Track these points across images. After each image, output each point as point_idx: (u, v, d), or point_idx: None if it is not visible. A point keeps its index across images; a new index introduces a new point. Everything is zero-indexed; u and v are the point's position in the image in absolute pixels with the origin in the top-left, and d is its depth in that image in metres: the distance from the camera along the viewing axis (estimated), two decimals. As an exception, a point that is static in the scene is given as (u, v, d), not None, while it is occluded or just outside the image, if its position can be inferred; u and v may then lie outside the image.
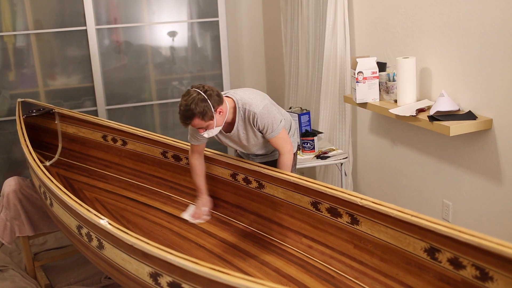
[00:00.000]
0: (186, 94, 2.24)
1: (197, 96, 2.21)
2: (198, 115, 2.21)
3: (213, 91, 2.26)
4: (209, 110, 2.22)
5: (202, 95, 2.22)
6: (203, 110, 2.20)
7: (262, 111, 2.35)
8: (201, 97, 2.21)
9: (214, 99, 2.24)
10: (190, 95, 2.22)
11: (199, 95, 2.21)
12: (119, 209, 2.98)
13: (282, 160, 2.52)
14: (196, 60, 4.46)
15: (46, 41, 4.01)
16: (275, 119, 2.40)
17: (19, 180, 3.20)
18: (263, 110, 2.35)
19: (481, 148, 2.58)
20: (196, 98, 2.20)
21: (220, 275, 1.60)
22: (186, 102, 2.20)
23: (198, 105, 2.19)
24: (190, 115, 2.21)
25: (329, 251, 2.28)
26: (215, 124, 2.29)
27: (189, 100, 2.20)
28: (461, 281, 1.78)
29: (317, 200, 2.29)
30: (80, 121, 3.31)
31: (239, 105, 2.37)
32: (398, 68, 2.82)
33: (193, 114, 2.20)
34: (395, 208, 1.97)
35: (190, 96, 2.22)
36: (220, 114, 2.29)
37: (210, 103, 2.22)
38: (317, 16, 3.74)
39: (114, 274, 2.20)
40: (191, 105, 2.19)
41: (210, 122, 2.26)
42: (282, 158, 2.52)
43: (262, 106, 2.36)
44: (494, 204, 2.57)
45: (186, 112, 2.21)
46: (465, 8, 2.53)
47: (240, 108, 2.37)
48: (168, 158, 3.01)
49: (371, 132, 3.46)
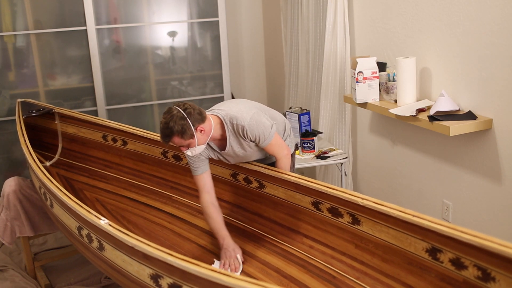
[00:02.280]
0: (167, 112, 2.21)
1: (176, 114, 2.18)
2: (177, 133, 2.18)
3: (194, 109, 2.22)
4: (188, 129, 2.18)
5: (181, 113, 2.18)
6: (181, 128, 2.17)
7: (250, 123, 2.29)
8: (180, 115, 2.18)
9: (195, 117, 2.20)
10: (170, 113, 2.20)
11: (178, 113, 2.18)
12: (120, 210, 2.97)
13: (280, 165, 2.49)
14: (196, 60, 4.46)
15: (46, 41, 4.01)
16: (265, 127, 2.34)
17: (19, 180, 3.20)
18: (251, 122, 2.30)
19: (481, 148, 2.58)
20: (175, 116, 2.17)
21: (220, 277, 1.60)
22: (166, 120, 2.18)
23: (176, 123, 2.16)
24: (169, 133, 2.18)
25: (330, 251, 2.28)
26: (196, 143, 2.24)
27: (168, 118, 2.18)
28: (463, 281, 1.77)
29: (318, 200, 2.29)
30: (80, 121, 3.31)
31: (226, 121, 2.33)
32: (398, 68, 2.82)
33: (172, 132, 2.18)
34: (396, 208, 1.97)
35: (169, 114, 2.19)
36: (202, 132, 2.24)
37: (190, 122, 2.18)
38: (317, 16, 3.74)
39: (115, 276, 2.20)
40: (170, 123, 2.16)
41: (191, 140, 2.22)
42: (279, 163, 2.49)
43: (249, 117, 2.30)
44: (494, 204, 2.57)
45: (165, 130, 2.18)
46: (465, 8, 2.53)
47: (228, 124, 2.33)
48: (169, 158, 3.01)
49: (371, 132, 3.46)
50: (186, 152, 2.29)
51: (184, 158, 2.93)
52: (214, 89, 4.53)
